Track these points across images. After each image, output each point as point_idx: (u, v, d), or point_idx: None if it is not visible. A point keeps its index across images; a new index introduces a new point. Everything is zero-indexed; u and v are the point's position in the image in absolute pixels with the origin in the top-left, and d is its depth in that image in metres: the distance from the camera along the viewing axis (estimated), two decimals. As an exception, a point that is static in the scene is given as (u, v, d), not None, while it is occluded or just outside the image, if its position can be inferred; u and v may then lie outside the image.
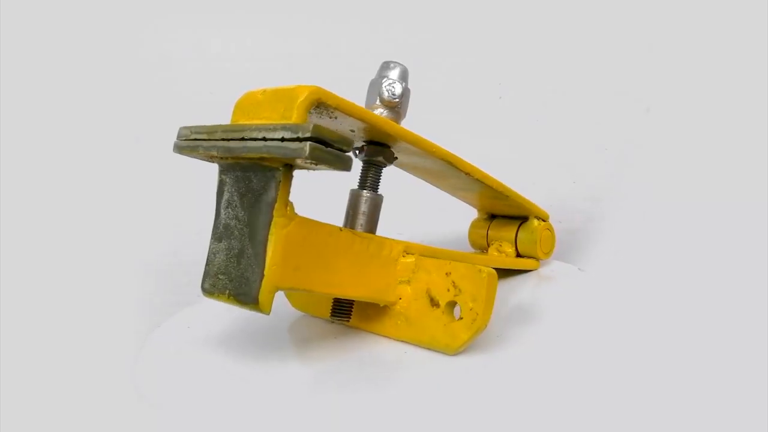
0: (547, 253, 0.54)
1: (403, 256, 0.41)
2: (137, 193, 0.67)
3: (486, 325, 0.37)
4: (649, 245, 0.49)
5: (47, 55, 0.70)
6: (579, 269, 0.53)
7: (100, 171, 0.67)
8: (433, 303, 0.39)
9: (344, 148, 0.33)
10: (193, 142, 0.38)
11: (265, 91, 0.37)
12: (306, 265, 0.35)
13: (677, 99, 0.49)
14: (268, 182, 0.34)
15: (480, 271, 0.37)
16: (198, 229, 0.52)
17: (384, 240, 0.40)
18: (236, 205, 0.36)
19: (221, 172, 0.37)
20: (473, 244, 0.58)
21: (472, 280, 0.37)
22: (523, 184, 0.45)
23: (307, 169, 0.34)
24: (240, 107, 0.37)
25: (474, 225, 0.58)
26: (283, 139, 0.32)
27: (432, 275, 0.39)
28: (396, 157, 0.43)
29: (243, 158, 0.35)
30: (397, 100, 0.41)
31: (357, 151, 0.44)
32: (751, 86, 0.46)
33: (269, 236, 0.34)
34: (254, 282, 0.34)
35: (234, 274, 0.35)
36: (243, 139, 0.34)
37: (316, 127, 0.31)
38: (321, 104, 0.35)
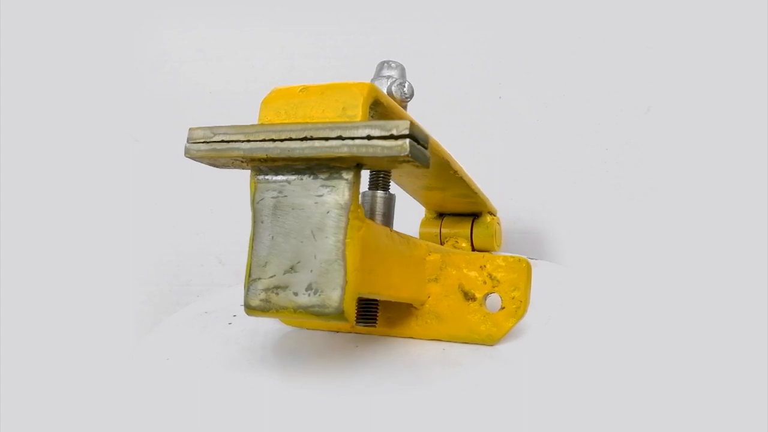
0: (499, 246, 0.58)
1: (429, 255, 0.41)
2: (137, 193, 0.65)
3: (526, 312, 0.39)
4: (642, 243, 0.54)
5: (45, 54, 0.67)
6: (531, 258, 0.57)
7: (100, 171, 0.65)
8: (468, 297, 0.40)
9: (426, 145, 0.32)
10: (221, 145, 0.34)
11: (306, 87, 0.35)
12: (375, 268, 0.34)
13: (676, 99, 0.55)
14: (338, 183, 0.32)
15: (519, 260, 0.39)
16: (198, 229, 0.52)
17: (416, 239, 0.40)
18: (289, 211, 0.33)
19: (258, 176, 0.34)
20: (423, 243, 0.60)
21: (511, 271, 0.39)
22: (524, 184, 0.47)
23: (378, 168, 0.33)
24: (272, 105, 0.35)
25: (424, 224, 0.59)
26: (369, 137, 0.31)
27: (463, 270, 0.40)
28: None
29: (303, 159, 0.32)
30: (408, 99, 0.42)
31: None
32: (751, 87, 0.53)
33: (347, 240, 0.32)
34: (334, 291, 0.31)
35: (299, 287, 0.32)
36: (307, 138, 0.32)
37: (412, 124, 0.30)
38: (375, 102, 0.34)
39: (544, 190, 0.56)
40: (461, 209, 0.58)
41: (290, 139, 0.32)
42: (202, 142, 0.35)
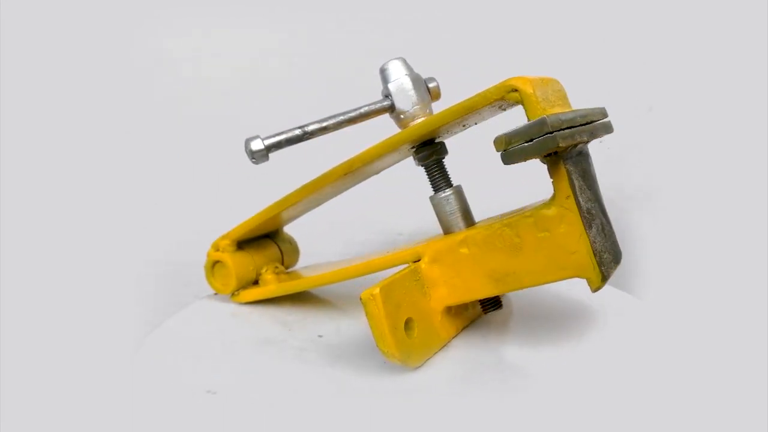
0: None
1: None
2: (136, 192, 0.66)
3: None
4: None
5: (43, 54, 0.65)
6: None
7: (99, 171, 0.65)
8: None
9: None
10: (570, 131, 0.33)
11: (542, 78, 0.37)
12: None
13: (678, 98, 0.55)
14: (589, 159, 0.38)
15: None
16: (197, 229, 0.51)
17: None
18: (584, 189, 0.37)
19: (565, 162, 0.35)
20: (240, 281, 0.49)
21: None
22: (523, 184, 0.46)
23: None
24: (540, 93, 0.35)
25: (234, 260, 0.49)
26: (605, 117, 0.39)
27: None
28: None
29: (587, 142, 0.36)
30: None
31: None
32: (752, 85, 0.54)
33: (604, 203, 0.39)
34: (617, 245, 0.39)
35: (610, 252, 0.37)
36: (592, 121, 0.37)
37: (603, 109, 0.41)
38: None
39: (543, 191, 0.53)
40: (263, 230, 0.52)
41: (593, 122, 0.36)
42: (559, 130, 0.32)
